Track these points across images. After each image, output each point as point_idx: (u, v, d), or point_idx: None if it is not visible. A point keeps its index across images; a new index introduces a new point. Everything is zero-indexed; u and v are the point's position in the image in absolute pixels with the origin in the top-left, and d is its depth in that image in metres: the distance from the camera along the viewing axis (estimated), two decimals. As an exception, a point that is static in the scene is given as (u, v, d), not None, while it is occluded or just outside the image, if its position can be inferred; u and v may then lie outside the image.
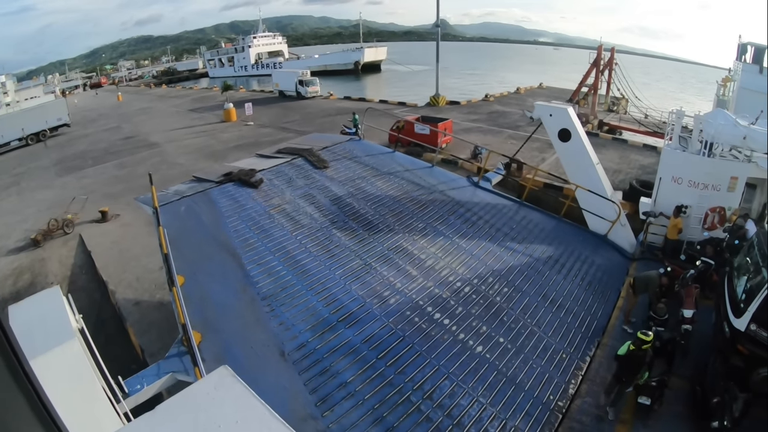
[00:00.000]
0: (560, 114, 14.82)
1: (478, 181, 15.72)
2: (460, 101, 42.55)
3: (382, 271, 10.70)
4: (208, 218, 11.30)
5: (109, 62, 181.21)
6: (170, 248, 9.07)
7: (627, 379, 8.25)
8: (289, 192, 13.02)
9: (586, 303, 11.31)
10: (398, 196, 13.80)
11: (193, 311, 8.23)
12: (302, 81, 49.44)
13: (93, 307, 13.77)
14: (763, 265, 8.36)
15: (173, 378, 7.56)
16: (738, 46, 25.06)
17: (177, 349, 7.86)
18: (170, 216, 10.76)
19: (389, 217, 12.75)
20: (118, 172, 27.05)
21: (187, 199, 11.83)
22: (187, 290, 8.59)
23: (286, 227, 11.51)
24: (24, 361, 1.61)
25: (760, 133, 12.18)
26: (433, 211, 13.43)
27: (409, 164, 15.86)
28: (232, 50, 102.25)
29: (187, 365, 7.51)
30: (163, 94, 68.67)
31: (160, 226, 9.74)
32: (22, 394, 1.64)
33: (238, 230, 11.05)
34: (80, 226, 19.08)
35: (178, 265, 8.93)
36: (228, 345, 8.07)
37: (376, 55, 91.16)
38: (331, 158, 15.17)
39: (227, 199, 12.18)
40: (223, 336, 8.22)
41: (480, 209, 14.09)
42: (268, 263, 10.20)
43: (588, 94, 36.08)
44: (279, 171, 14.03)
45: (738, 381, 7.83)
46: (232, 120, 38.82)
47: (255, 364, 7.90)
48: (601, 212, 14.17)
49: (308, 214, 12.17)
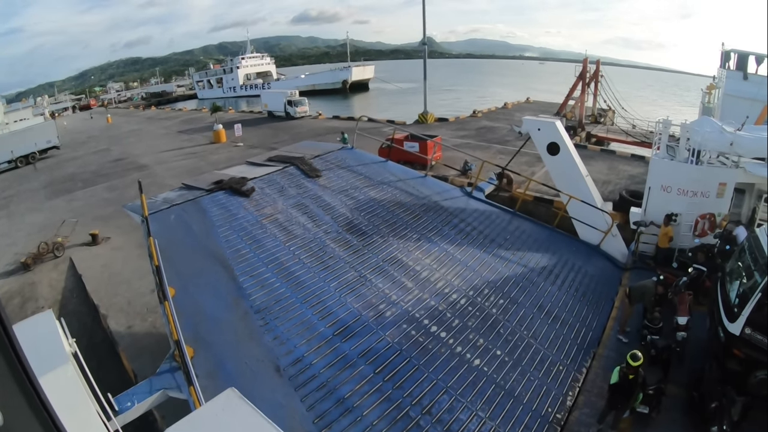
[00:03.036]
0: (548, 128, 14.98)
1: (471, 191, 15.79)
2: (449, 118, 42.78)
3: (378, 283, 10.58)
4: (199, 228, 11.07)
5: (98, 84, 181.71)
6: (161, 259, 8.86)
7: (622, 406, 8.07)
8: (281, 201, 12.83)
9: (581, 314, 11.34)
10: (392, 206, 13.73)
11: (185, 325, 7.98)
12: (291, 101, 49.48)
13: (84, 332, 13.55)
14: (755, 268, 8.45)
15: (165, 395, 7.33)
16: (721, 54, 25.41)
17: (169, 365, 7.62)
18: (160, 225, 10.51)
19: (383, 227, 12.66)
20: (108, 194, 26.83)
21: (176, 208, 11.58)
22: (178, 303, 8.34)
23: (278, 237, 11.31)
24: (33, 378, 1.58)
25: (747, 138, 12.39)
26: (427, 222, 13.40)
27: (402, 174, 15.83)
28: (221, 71, 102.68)
29: (179, 381, 7.29)
30: (152, 116, 68.53)
31: (150, 237, 9.52)
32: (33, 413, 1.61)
33: (229, 240, 10.83)
34: (70, 249, 18.87)
35: (169, 276, 8.70)
36: (221, 360, 7.88)
37: (363, 74, 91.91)
38: (324, 167, 15.07)
39: (218, 208, 11.96)
40: (216, 350, 8.02)
41: (474, 219, 14.11)
42: (261, 275, 9.99)
43: (575, 106, 36.53)
44: (271, 179, 13.85)
45: (735, 385, 7.87)
46: (221, 141, 38.77)
47: (249, 380, 7.70)
48: (593, 223, 14.29)
49: (301, 224, 11.99)
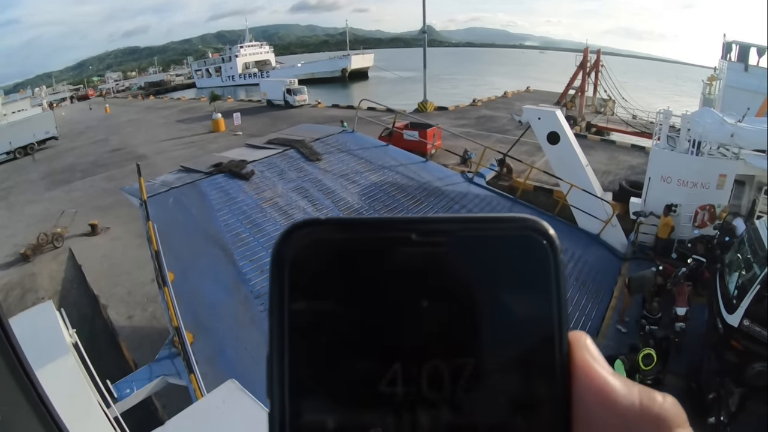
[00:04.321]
0: (549, 117, 14.90)
1: (472, 177, 15.65)
2: (448, 107, 42.60)
3: None
4: (198, 211, 10.98)
5: (96, 74, 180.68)
6: (160, 244, 8.77)
7: None
8: (281, 185, 12.69)
9: (580, 303, 11.35)
10: (393, 191, 13.59)
11: (184, 310, 7.89)
12: (290, 90, 49.24)
13: (84, 322, 13.54)
14: (754, 261, 8.46)
15: (164, 381, 7.29)
16: (723, 45, 25.23)
17: (168, 351, 7.58)
18: (158, 208, 10.41)
19: (384, 212, 12.46)
20: (107, 184, 26.76)
21: (175, 191, 11.47)
22: (177, 288, 8.26)
23: (278, 221, 11.15)
24: (30, 373, 1.58)
25: (747, 130, 12.35)
26: (428, 208, 13.24)
27: (403, 158, 15.62)
28: (219, 60, 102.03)
29: (179, 367, 7.24)
30: (151, 106, 68.21)
31: (149, 221, 9.43)
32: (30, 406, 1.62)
33: (229, 224, 10.74)
34: (70, 240, 18.89)
35: (168, 261, 8.61)
36: (221, 346, 7.81)
37: (363, 62, 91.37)
38: (324, 150, 14.88)
39: (217, 191, 11.84)
40: (216, 336, 7.95)
41: (475, 206, 13.96)
42: (261, 259, 9.85)
43: (575, 96, 36.37)
44: (270, 162, 13.71)
45: (733, 376, 7.91)
46: (220, 130, 38.59)
47: (249, 366, 7.60)
48: (593, 212, 14.26)
49: (301, 208, 11.88)
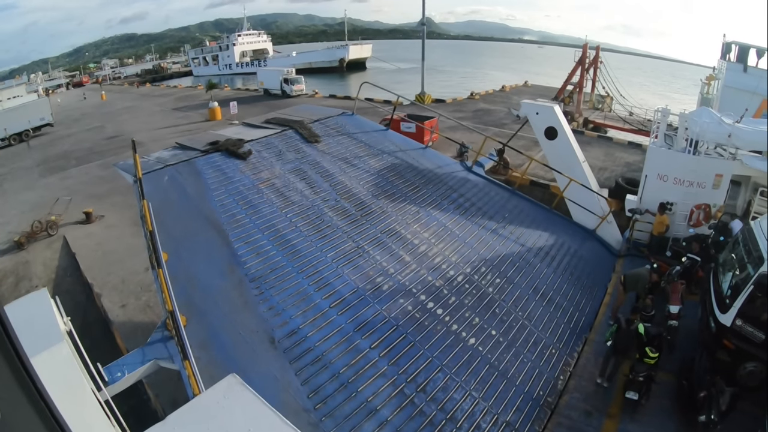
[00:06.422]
0: (547, 112, 14.91)
1: (471, 165, 15.59)
2: (446, 99, 42.53)
3: (375, 255, 10.35)
4: (193, 190, 10.76)
5: (92, 61, 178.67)
6: (154, 223, 8.60)
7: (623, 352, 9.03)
8: (278, 166, 12.46)
9: (575, 298, 11.38)
10: (391, 176, 13.46)
11: (178, 292, 7.71)
12: (287, 79, 49.16)
13: (78, 310, 13.55)
14: (748, 261, 8.50)
15: (156, 365, 7.16)
16: (722, 45, 25.24)
17: (161, 334, 7.42)
18: (152, 186, 10.23)
19: (382, 198, 12.37)
20: (102, 172, 26.63)
21: (170, 168, 11.26)
22: (171, 269, 8.07)
23: (275, 203, 11.00)
24: (25, 360, 1.56)
25: (745, 131, 12.38)
26: (426, 195, 13.13)
27: (402, 144, 15.49)
28: (217, 48, 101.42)
29: (171, 351, 7.12)
30: (147, 93, 67.78)
31: (144, 200, 9.26)
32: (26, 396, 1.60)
33: (224, 204, 10.54)
34: (64, 228, 18.82)
35: (162, 240, 8.42)
36: (215, 330, 7.71)
37: (361, 53, 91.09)
38: (323, 132, 14.66)
39: (213, 170, 11.64)
40: (210, 320, 7.84)
41: (473, 195, 13.89)
42: (256, 242, 9.74)
43: (573, 92, 36.37)
44: (268, 142, 13.49)
45: (724, 375, 7.96)
46: (216, 119, 38.46)
47: (243, 351, 7.55)
48: (589, 207, 14.31)
49: (299, 191, 11.69)
